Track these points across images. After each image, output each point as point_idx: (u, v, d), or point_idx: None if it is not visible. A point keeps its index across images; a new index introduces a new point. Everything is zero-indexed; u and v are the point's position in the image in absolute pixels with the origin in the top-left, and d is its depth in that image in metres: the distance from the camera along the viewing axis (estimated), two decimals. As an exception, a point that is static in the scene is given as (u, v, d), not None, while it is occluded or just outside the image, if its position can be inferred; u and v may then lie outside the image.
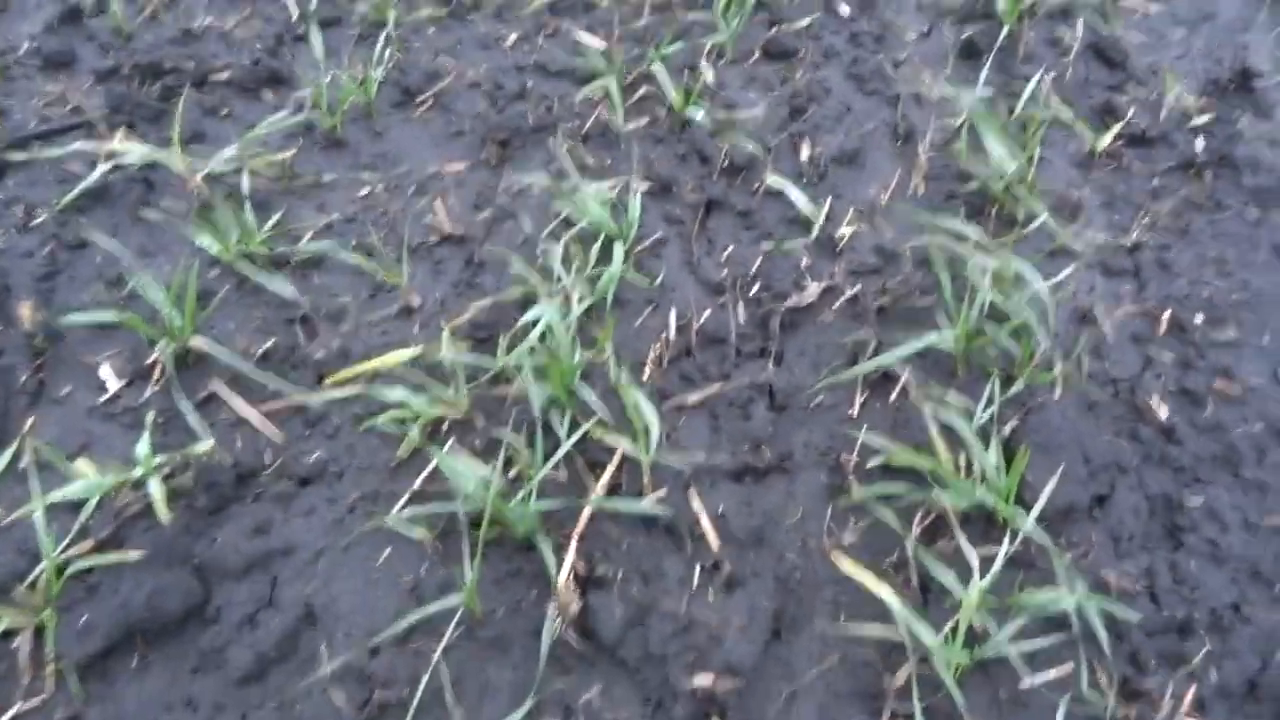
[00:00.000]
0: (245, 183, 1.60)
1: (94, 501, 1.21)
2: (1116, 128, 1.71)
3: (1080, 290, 1.46)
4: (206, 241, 1.50)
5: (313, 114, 1.75)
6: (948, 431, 1.21)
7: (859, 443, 1.26)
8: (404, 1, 2.06)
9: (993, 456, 1.14)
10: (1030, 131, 1.65)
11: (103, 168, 1.59)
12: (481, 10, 2.06)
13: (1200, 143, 1.72)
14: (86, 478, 1.23)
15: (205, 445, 1.29)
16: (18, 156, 1.65)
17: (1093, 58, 1.94)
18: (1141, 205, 1.60)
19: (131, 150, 1.60)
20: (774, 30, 1.95)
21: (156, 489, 1.21)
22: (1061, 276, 1.43)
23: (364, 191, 1.66)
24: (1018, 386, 1.27)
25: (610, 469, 1.21)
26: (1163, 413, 1.27)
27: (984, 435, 1.20)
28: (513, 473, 1.22)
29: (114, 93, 1.76)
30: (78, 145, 1.65)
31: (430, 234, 1.59)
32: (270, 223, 1.56)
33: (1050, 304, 1.34)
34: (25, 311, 1.40)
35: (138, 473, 1.23)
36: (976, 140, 1.68)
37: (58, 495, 1.19)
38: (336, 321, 1.45)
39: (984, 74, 1.82)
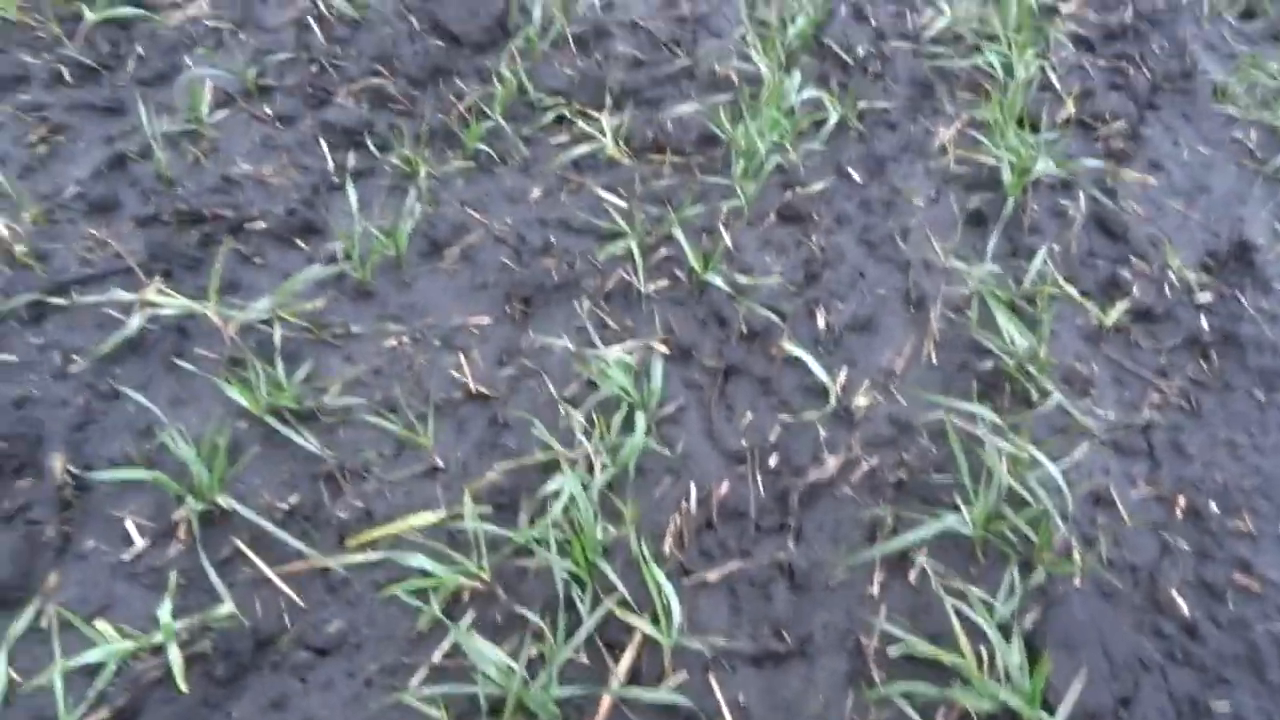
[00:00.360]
0: (277, 335, 1.64)
1: (112, 667, 1.21)
2: (1123, 304, 1.77)
3: (1095, 470, 1.48)
4: (237, 394, 1.53)
5: (344, 265, 1.81)
6: (968, 621, 1.22)
7: (879, 629, 1.26)
8: (434, 154, 2.15)
9: (1016, 654, 1.14)
10: (1039, 307, 1.71)
11: (139, 317, 1.64)
12: (507, 164, 2.14)
13: (1205, 320, 1.77)
14: (106, 641, 1.23)
15: (226, 609, 1.29)
16: (58, 301, 1.70)
17: (1095, 229, 2.01)
18: (1151, 383, 1.64)
19: (169, 302, 1.64)
20: (789, 194, 2.04)
21: (175, 657, 1.21)
22: (1076, 456, 1.46)
23: (390, 343, 1.70)
24: (1038, 576, 1.28)
25: (631, 650, 1.21)
26: (1184, 606, 1.28)
27: (1005, 629, 1.20)
28: (534, 651, 1.22)
29: (154, 240, 1.83)
30: (116, 292, 1.70)
31: (454, 389, 1.62)
32: (299, 375, 1.60)
33: (1066, 489, 1.36)
34: (57, 464, 1.42)
35: (157, 638, 1.23)
36: (987, 310, 1.73)
37: (77, 661, 1.19)
38: (361, 479, 1.47)
39: (992, 244, 1.89)
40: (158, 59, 2.26)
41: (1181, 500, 1.44)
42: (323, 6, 2.44)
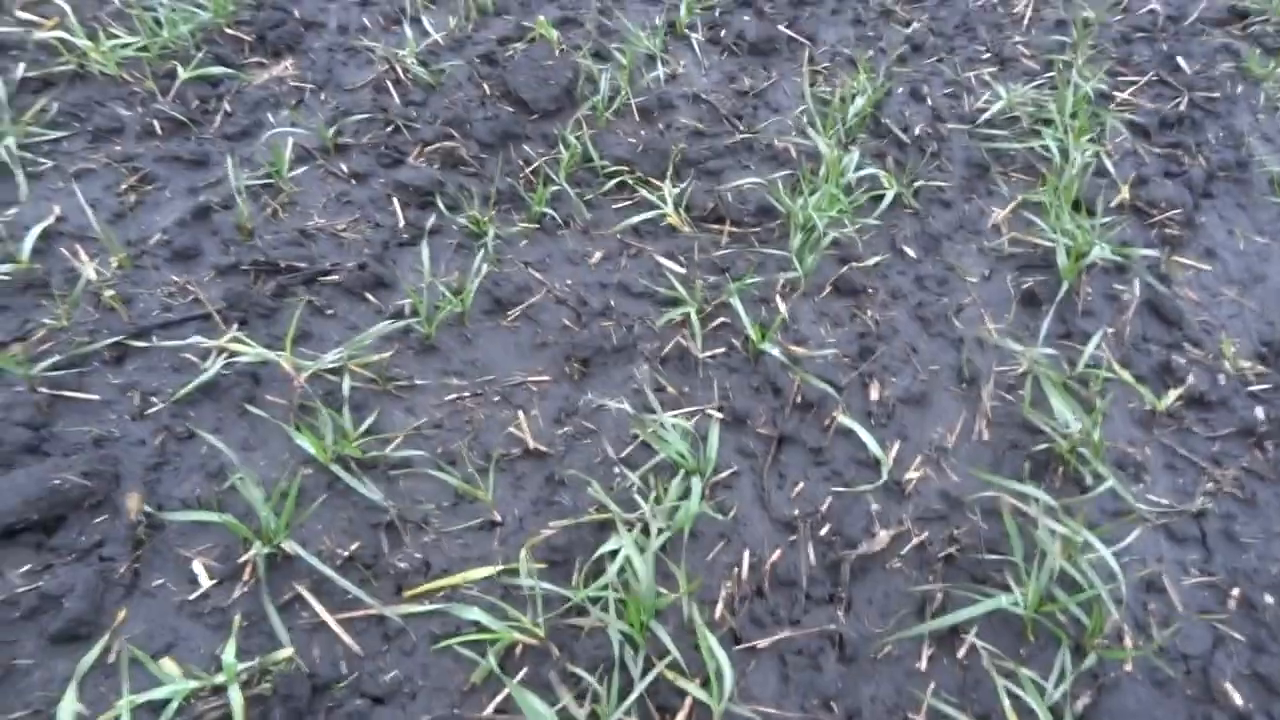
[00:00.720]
0: (345, 385, 1.70)
1: (175, 705, 1.24)
2: (1176, 390, 1.78)
3: (1148, 556, 1.48)
4: (305, 442, 1.58)
5: (411, 319, 1.87)
6: (1019, 702, 1.22)
7: (928, 704, 1.26)
8: (500, 216, 2.23)
9: (1068, 741, 1.14)
10: (1093, 389, 1.72)
11: (217, 363, 1.71)
12: (570, 228, 2.22)
13: (1260, 410, 1.77)
14: (171, 679, 1.27)
15: (285, 653, 1.32)
16: (139, 344, 1.78)
17: (1149, 314, 2.03)
18: (1204, 470, 1.64)
19: (245, 350, 1.72)
20: (844, 268, 2.08)
21: (236, 698, 1.25)
22: (1129, 541, 1.46)
23: (452, 397, 1.76)
24: (1089, 660, 1.28)
25: (681, 715, 1.23)
26: (1238, 699, 1.27)
27: (1056, 712, 1.20)
28: (586, 709, 1.24)
29: (232, 288, 1.91)
30: (196, 338, 1.78)
31: (513, 445, 1.66)
32: (364, 425, 1.65)
33: (1119, 574, 1.36)
34: (132, 503, 1.48)
35: (219, 678, 1.27)
36: (1039, 390, 1.75)
37: (143, 697, 1.23)
38: (420, 530, 1.51)
39: (1045, 325, 1.91)
40: (243, 115, 2.38)
41: (1235, 591, 1.43)
42: (400, 71, 2.56)
